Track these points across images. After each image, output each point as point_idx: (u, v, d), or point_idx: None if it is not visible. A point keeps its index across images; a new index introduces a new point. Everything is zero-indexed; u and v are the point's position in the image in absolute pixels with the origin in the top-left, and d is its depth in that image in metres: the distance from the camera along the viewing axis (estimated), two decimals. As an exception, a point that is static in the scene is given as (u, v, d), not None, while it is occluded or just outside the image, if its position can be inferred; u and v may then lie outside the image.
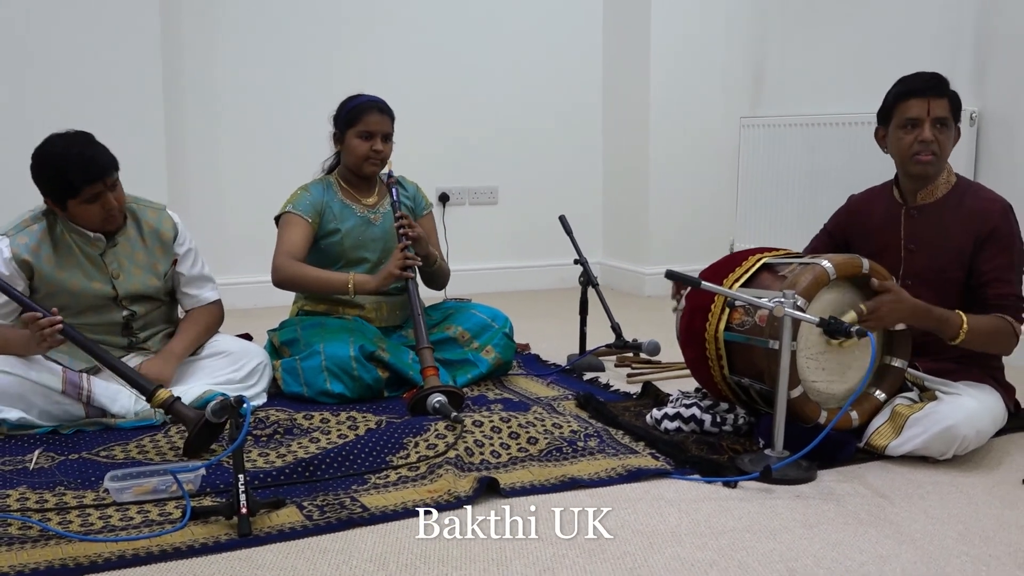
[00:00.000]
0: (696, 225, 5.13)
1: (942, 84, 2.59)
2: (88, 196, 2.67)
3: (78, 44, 4.17)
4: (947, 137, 2.58)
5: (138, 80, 4.30)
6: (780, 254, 2.76)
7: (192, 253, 2.99)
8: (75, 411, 2.65)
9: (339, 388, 2.95)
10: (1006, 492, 2.30)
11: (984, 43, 3.69)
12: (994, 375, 2.65)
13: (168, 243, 2.92)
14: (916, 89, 2.58)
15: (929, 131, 2.55)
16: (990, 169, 3.64)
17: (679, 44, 5.00)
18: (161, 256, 2.90)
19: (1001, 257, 2.55)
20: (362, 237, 3.23)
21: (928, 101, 2.56)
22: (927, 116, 2.55)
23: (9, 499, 2.15)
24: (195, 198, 4.56)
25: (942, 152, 2.59)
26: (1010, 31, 3.59)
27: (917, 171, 2.60)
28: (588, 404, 2.91)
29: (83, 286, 2.76)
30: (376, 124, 3.16)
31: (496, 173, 5.23)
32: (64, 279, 2.74)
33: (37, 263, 2.71)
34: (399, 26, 4.88)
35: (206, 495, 2.21)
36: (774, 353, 2.38)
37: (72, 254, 2.76)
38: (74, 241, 2.77)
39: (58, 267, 2.74)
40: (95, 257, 2.79)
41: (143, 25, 4.29)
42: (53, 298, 2.71)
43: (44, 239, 2.74)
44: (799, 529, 2.08)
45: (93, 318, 2.78)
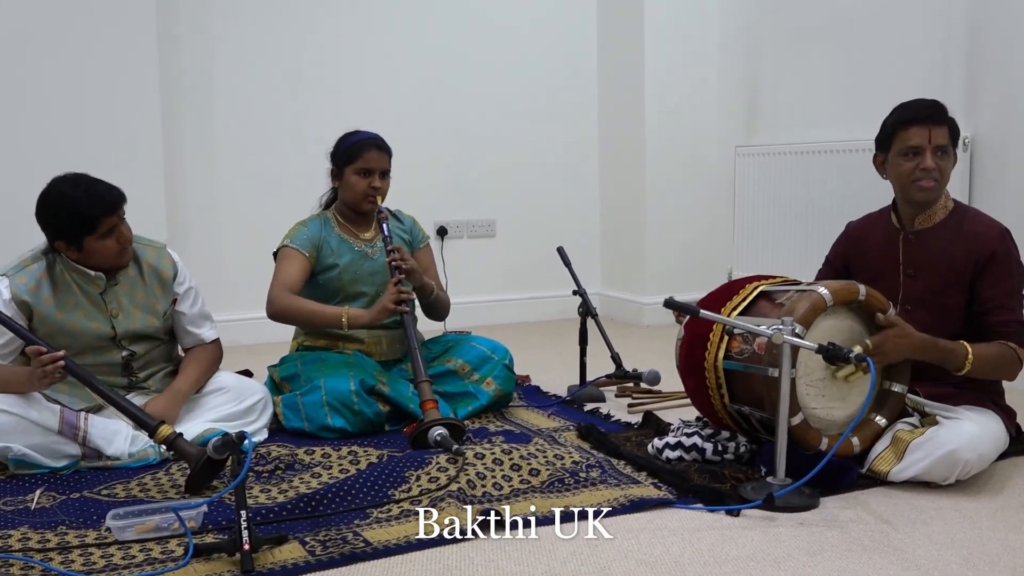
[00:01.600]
0: (693, 254, 5.15)
1: (942, 112, 2.61)
2: (105, 230, 2.70)
3: (74, 85, 4.22)
4: (947, 164, 2.61)
5: (137, 119, 4.34)
6: (777, 281, 2.77)
7: (192, 292, 2.99)
8: (71, 451, 2.64)
9: (340, 422, 2.95)
10: (1010, 516, 2.30)
11: (975, 70, 3.73)
12: (994, 399, 2.65)
13: (168, 282, 2.93)
14: (917, 117, 2.60)
15: (931, 159, 2.57)
16: (984, 193, 3.66)
17: (673, 76, 5.05)
18: (161, 296, 2.91)
19: (1002, 283, 2.56)
20: (360, 271, 3.24)
21: (929, 129, 2.58)
22: (928, 144, 2.57)
23: (11, 539, 2.15)
24: (194, 235, 4.58)
25: (943, 178, 2.61)
26: (1000, 58, 3.63)
27: (919, 197, 2.62)
28: (589, 435, 2.90)
29: (82, 326, 2.77)
30: (374, 161, 3.18)
31: (494, 206, 5.26)
32: (63, 320, 2.74)
33: (36, 303, 2.72)
34: (396, 63, 4.92)
35: (208, 532, 2.20)
36: (774, 381, 2.38)
37: (71, 293, 2.77)
38: (74, 280, 2.78)
39: (57, 307, 2.74)
40: (95, 296, 2.80)
41: (141, 65, 4.34)
42: (52, 338, 2.70)
43: (43, 279, 2.74)
44: (803, 557, 2.07)
45: (92, 359, 2.78)
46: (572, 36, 5.31)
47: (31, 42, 4.16)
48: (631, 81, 5.12)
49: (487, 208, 5.25)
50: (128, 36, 4.31)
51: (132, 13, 4.31)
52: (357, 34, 4.85)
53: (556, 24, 5.26)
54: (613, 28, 5.26)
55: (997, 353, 2.53)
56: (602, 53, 5.36)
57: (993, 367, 2.54)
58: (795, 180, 4.50)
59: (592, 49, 5.37)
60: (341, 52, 4.82)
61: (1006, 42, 3.61)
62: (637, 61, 5.06)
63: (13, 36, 4.14)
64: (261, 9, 4.67)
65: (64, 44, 4.19)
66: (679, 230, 5.16)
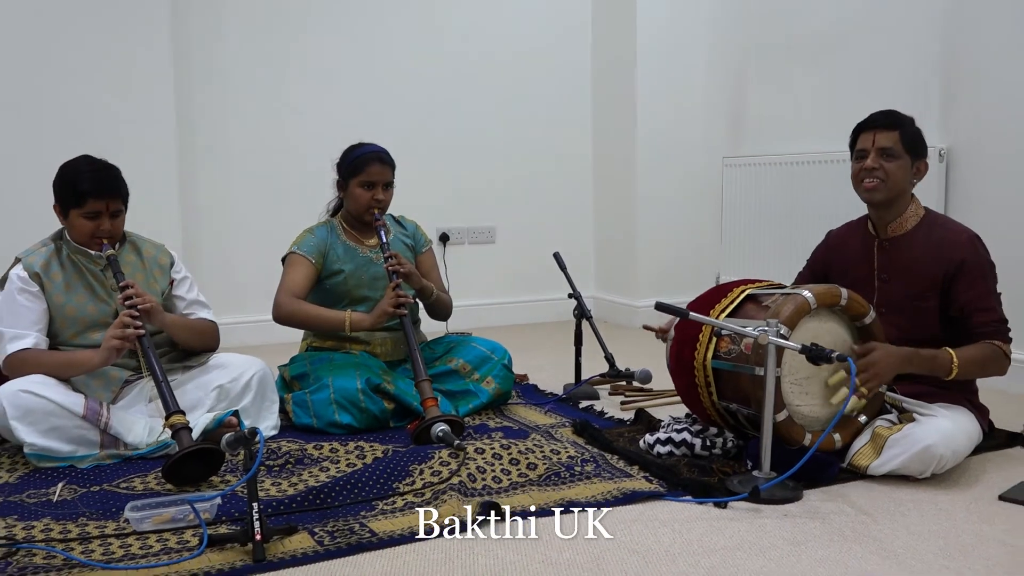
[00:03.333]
0: (683, 259, 5.16)
1: (890, 118, 2.65)
2: (89, 211, 2.76)
3: (91, 99, 4.23)
4: (896, 166, 2.61)
5: (152, 132, 4.35)
6: (763, 285, 2.79)
7: (188, 280, 3.06)
8: (91, 436, 2.65)
9: (347, 419, 2.96)
10: (983, 508, 2.31)
11: (949, 87, 3.75)
12: (969, 397, 2.66)
13: (165, 267, 3.01)
14: (866, 124, 2.67)
15: (872, 159, 2.61)
16: (960, 203, 3.67)
17: (663, 92, 5.07)
18: (159, 277, 2.98)
19: (977, 287, 2.57)
20: (365, 276, 3.25)
21: (875, 133, 2.63)
22: (871, 146, 2.62)
23: (34, 530, 2.16)
24: (206, 242, 4.60)
25: (888, 179, 2.61)
26: (973, 72, 3.64)
27: (864, 197, 2.67)
28: (584, 431, 2.91)
29: (87, 301, 2.82)
30: (378, 174, 3.19)
31: (494, 214, 5.27)
32: (70, 296, 2.81)
33: (46, 278, 2.79)
34: (403, 79, 4.94)
35: (222, 523, 2.21)
36: (760, 379, 2.39)
37: (78, 272, 2.84)
38: (79, 261, 2.84)
39: (65, 284, 2.81)
40: (98, 274, 2.86)
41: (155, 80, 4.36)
42: (60, 311, 2.79)
43: (52, 259, 2.83)
44: (787, 547, 2.08)
45: (99, 336, 2.79)
46: (568, 56, 5.33)
47: (48, 56, 4.17)
48: (624, 97, 5.15)
49: (487, 216, 5.26)
50: (143, 50, 4.33)
51: (146, 26, 4.32)
52: (364, 52, 4.86)
53: (553, 45, 5.28)
54: (607, 49, 5.28)
55: (982, 353, 2.54)
56: (596, 71, 5.37)
57: (980, 367, 2.55)
58: (779, 189, 4.51)
59: (587, 68, 5.39)
60: (349, 69, 4.83)
61: (978, 61, 3.62)
62: (629, 79, 5.08)
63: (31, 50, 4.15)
64: (272, 24, 4.68)
65: (81, 59, 4.21)
66: (669, 236, 5.18)
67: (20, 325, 2.74)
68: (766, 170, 4.60)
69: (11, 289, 2.77)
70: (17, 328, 2.74)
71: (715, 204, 5.02)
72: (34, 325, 2.76)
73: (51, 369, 2.72)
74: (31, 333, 2.74)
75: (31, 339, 2.73)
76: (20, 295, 2.76)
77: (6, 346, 2.73)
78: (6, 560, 1.99)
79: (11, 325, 2.74)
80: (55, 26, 4.15)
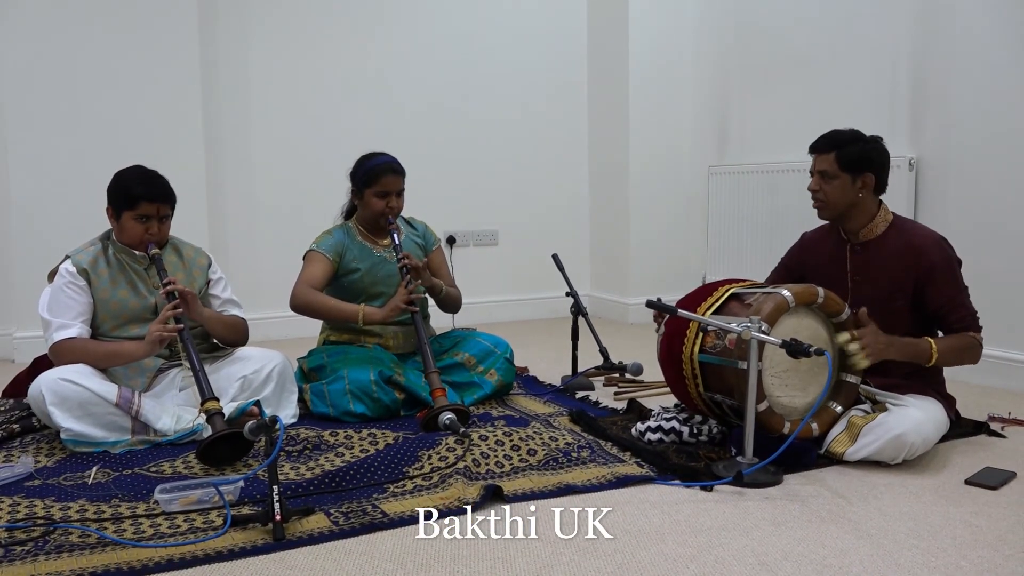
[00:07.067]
0: (672, 260, 5.15)
1: (827, 141, 2.64)
2: (140, 214, 2.77)
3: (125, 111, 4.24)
4: (833, 187, 2.61)
5: (182, 142, 4.36)
6: (746, 285, 2.77)
7: (223, 281, 3.06)
8: (123, 423, 2.63)
9: (361, 408, 2.94)
10: (950, 491, 2.29)
11: (919, 98, 3.72)
12: (937, 388, 2.64)
13: (203, 268, 3.01)
14: (810, 147, 2.69)
15: (813, 182, 2.65)
16: (928, 209, 3.65)
17: (654, 105, 5.06)
18: (198, 276, 2.97)
19: (948, 289, 2.55)
20: (379, 274, 3.23)
21: (814, 157, 2.66)
22: (813, 169, 2.65)
23: (71, 510, 2.14)
24: (232, 244, 4.60)
25: (827, 199, 2.63)
26: (940, 88, 3.62)
27: (817, 214, 2.70)
28: (580, 419, 2.89)
29: (130, 297, 2.82)
30: (391, 184, 3.17)
31: (496, 218, 5.26)
32: (114, 291, 2.80)
33: (93, 274, 2.80)
34: (414, 93, 4.93)
35: (244, 504, 2.20)
36: (743, 372, 2.37)
37: (122, 270, 2.84)
38: (123, 260, 2.84)
39: (110, 280, 2.81)
40: (140, 271, 2.86)
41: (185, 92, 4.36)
42: (104, 307, 2.78)
43: (99, 257, 2.83)
44: (768, 527, 2.06)
45: (138, 330, 2.80)
46: (565, 73, 5.33)
47: (84, 76, 4.18)
48: (617, 111, 5.13)
49: (490, 220, 5.25)
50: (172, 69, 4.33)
51: (177, 44, 4.33)
52: (378, 68, 4.86)
53: (552, 63, 5.29)
54: (601, 66, 5.27)
55: (960, 343, 2.54)
56: (591, 86, 5.36)
57: (958, 355, 2.54)
58: (761, 196, 4.50)
59: (583, 84, 5.38)
60: (364, 83, 4.82)
61: (945, 78, 3.60)
62: (622, 94, 5.07)
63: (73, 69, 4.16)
64: (292, 40, 4.68)
65: (115, 76, 4.22)
66: (659, 239, 5.16)
67: (67, 316, 2.74)
68: (749, 178, 4.58)
69: (60, 283, 2.77)
70: (64, 319, 2.73)
71: (701, 209, 5.00)
72: (79, 316, 2.76)
73: (97, 357, 2.72)
74: (76, 323, 2.74)
75: (76, 329, 2.73)
76: (68, 288, 2.76)
77: (53, 334, 2.73)
78: (44, 538, 1.98)
79: (58, 315, 2.74)
80: (96, 50, 4.17)
